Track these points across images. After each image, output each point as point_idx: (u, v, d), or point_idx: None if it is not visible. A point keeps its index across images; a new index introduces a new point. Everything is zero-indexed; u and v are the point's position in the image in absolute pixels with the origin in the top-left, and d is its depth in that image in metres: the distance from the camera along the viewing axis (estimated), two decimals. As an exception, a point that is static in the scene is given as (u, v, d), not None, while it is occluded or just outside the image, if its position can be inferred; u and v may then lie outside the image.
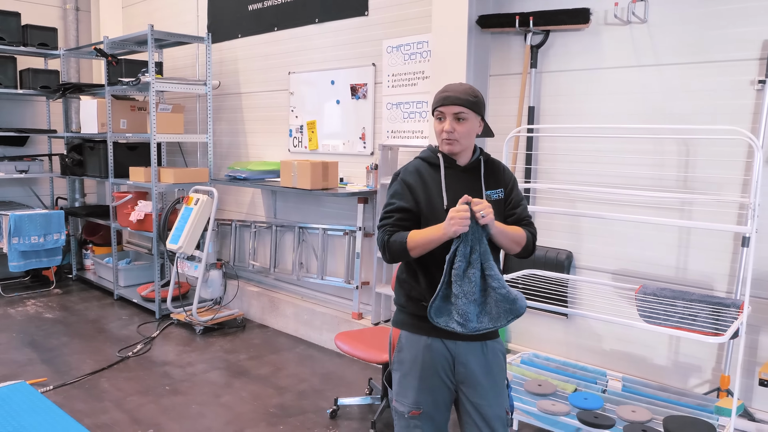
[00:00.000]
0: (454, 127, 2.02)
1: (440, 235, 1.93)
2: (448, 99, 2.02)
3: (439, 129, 2.06)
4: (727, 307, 2.74)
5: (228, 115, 5.88)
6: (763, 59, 2.88)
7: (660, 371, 3.32)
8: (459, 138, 2.04)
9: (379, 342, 3.49)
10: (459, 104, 2.01)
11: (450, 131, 2.03)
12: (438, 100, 2.05)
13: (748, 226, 2.59)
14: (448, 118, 2.03)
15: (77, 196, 6.98)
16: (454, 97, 2.02)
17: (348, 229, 4.75)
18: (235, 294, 5.59)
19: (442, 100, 2.04)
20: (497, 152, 3.71)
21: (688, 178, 3.14)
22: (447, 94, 2.04)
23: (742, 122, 2.96)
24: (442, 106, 2.03)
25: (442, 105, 2.03)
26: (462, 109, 2.01)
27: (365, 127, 4.61)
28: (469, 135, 2.06)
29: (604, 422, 2.60)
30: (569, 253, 3.55)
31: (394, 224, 2.06)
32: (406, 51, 4.27)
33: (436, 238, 1.94)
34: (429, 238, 1.96)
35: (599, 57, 3.40)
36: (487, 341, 2.09)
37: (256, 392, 3.93)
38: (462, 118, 2.03)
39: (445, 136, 2.04)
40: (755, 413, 3.01)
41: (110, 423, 3.46)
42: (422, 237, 1.98)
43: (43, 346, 4.67)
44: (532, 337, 3.80)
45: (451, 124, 2.02)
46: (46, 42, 6.34)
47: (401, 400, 2.13)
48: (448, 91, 2.04)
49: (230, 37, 5.70)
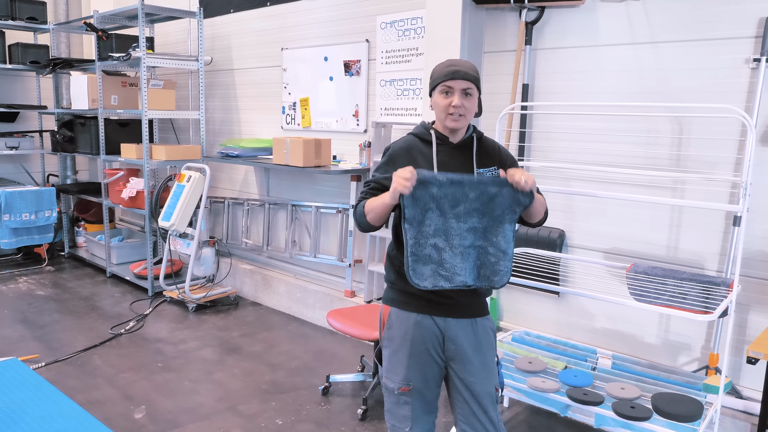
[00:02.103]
0: (462, 102, 2.00)
1: (389, 198, 1.90)
2: (458, 73, 1.98)
3: (446, 103, 2.01)
4: (717, 285, 2.75)
5: (220, 92, 5.82)
6: (759, 37, 2.85)
7: (650, 349, 3.34)
8: (466, 114, 2.02)
9: (371, 319, 3.49)
10: (468, 79, 1.98)
11: (459, 106, 1.99)
12: (446, 74, 2.00)
13: (739, 205, 2.59)
14: (456, 93, 1.99)
15: (69, 173, 6.93)
16: (463, 72, 1.98)
17: (341, 207, 4.73)
18: (228, 272, 5.58)
19: (451, 74, 1.99)
20: (491, 129, 3.70)
21: (681, 157, 3.13)
22: (456, 68, 1.99)
23: (736, 101, 2.95)
24: (452, 80, 1.98)
25: (451, 79, 1.98)
26: (471, 84, 2.00)
27: (358, 105, 4.57)
28: (473, 110, 2.05)
29: (593, 399, 2.62)
30: (562, 232, 3.55)
31: (367, 193, 2.06)
32: (400, 27, 4.22)
33: (387, 200, 1.92)
34: (380, 200, 1.95)
35: (594, 34, 3.37)
36: (477, 318, 2.10)
37: (249, 369, 3.94)
38: (469, 93, 2.01)
39: (452, 111, 2.00)
40: (743, 391, 3.04)
41: (102, 399, 3.47)
42: (373, 202, 1.98)
43: (35, 323, 4.67)
44: (524, 315, 3.82)
45: (460, 100, 2.00)
46: (35, 16, 6.25)
47: (391, 376, 2.13)
48: (456, 65, 2.00)
49: (222, 12, 5.62)
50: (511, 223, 1.98)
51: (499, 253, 1.97)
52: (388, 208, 1.96)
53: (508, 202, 1.94)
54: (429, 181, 1.89)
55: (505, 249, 1.97)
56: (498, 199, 1.93)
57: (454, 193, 1.91)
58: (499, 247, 1.96)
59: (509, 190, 1.92)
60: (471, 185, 1.91)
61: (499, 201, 1.94)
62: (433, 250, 1.94)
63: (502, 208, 1.94)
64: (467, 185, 1.91)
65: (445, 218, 1.93)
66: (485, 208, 1.94)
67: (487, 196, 1.93)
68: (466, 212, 1.94)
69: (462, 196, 1.92)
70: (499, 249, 1.96)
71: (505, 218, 1.96)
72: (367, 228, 2.07)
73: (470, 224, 1.95)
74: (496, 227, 1.96)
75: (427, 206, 1.92)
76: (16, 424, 3.04)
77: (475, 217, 1.94)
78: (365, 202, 2.02)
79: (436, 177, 1.89)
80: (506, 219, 1.96)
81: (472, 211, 1.94)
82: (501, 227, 1.96)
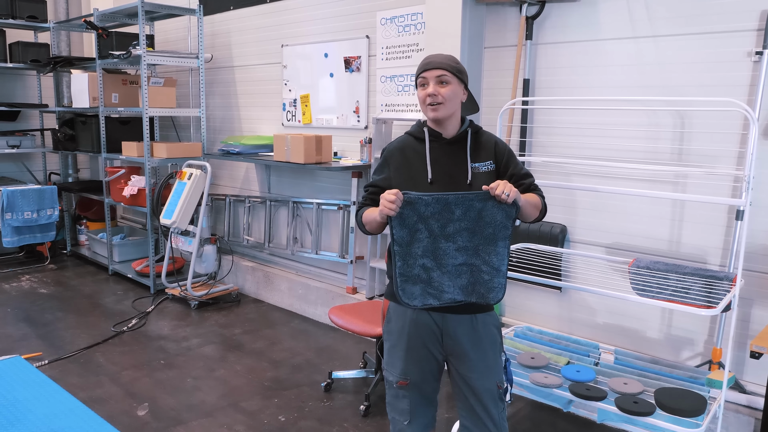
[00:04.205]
0: (437, 90, 2.02)
1: (379, 217, 1.96)
2: (430, 64, 2.05)
3: (423, 95, 2.06)
4: (719, 280, 2.74)
5: (221, 89, 5.81)
6: (761, 30, 2.84)
7: (652, 344, 3.33)
8: (443, 101, 2.02)
9: (373, 316, 3.49)
10: (440, 68, 2.03)
11: (433, 94, 2.02)
12: (420, 67, 2.08)
13: (742, 199, 2.58)
14: (431, 83, 2.03)
15: (70, 171, 6.93)
16: (435, 61, 2.04)
17: (342, 204, 4.73)
18: (230, 269, 5.58)
19: (424, 65, 2.06)
20: (492, 125, 3.68)
21: (683, 151, 3.12)
22: (428, 60, 2.07)
23: (739, 94, 2.93)
24: (425, 71, 2.05)
25: (424, 70, 2.05)
26: (443, 71, 2.02)
27: (359, 101, 4.56)
28: (453, 98, 2.04)
29: (596, 394, 2.62)
30: (563, 227, 3.55)
31: (367, 199, 2.14)
32: (400, 23, 4.21)
33: (378, 219, 1.98)
34: (373, 216, 2.01)
35: (595, 28, 3.35)
36: (477, 314, 2.09)
37: (251, 366, 3.94)
38: (445, 81, 2.03)
39: (429, 100, 2.04)
40: (746, 385, 3.03)
41: (105, 397, 3.48)
42: (369, 215, 2.06)
43: (38, 321, 4.68)
44: (526, 311, 3.82)
45: (435, 87, 2.02)
46: (35, 14, 6.24)
47: (390, 369, 2.14)
48: (429, 58, 2.08)
49: (222, 9, 5.61)
50: (504, 240, 1.97)
51: (493, 271, 1.98)
52: (381, 225, 2.02)
53: (497, 216, 1.94)
54: (414, 201, 1.92)
55: (498, 266, 1.98)
56: (486, 215, 1.93)
57: (441, 211, 1.93)
58: (492, 265, 1.97)
59: (494, 203, 1.92)
60: (456, 201, 1.92)
61: (488, 217, 1.94)
62: (422, 270, 1.96)
63: (493, 225, 1.94)
64: (452, 202, 1.92)
65: (435, 239, 1.95)
66: (475, 227, 1.95)
67: (475, 212, 1.93)
68: (456, 231, 1.95)
69: (449, 215, 1.93)
70: (492, 267, 1.97)
71: (497, 236, 1.96)
72: (368, 234, 2.15)
73: (460, 243, 1.96)
74: (489, 246, 1.96)
75: (415, 227, 1.94)
76: (20, 421, 3.04)
77: (466, 236, 1.95)
78: (364, 212, 2.09)
79: (421, 197, 1.92)
80: (499, 236, 1.96)
81: (461, 231, 1.95)
82: (493, 246, 1.96)
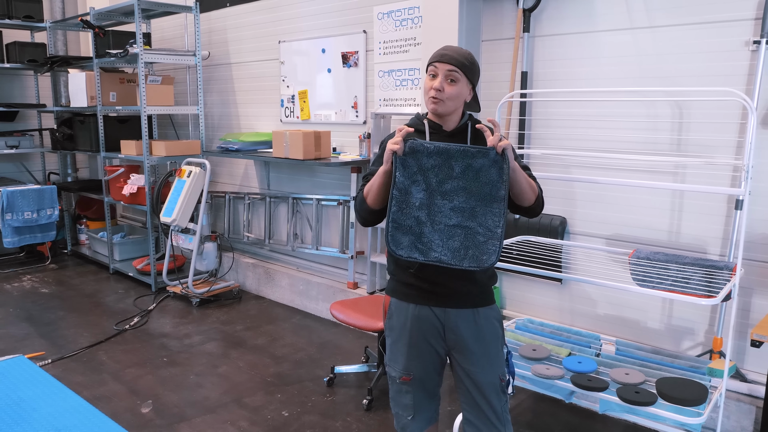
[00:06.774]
0: (443, 86, 2.00)
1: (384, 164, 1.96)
2: (444, 56, 2.01)
3: (429, 86, 2.03)
4: (719, 269, 2.74)
5: (219, 86, 5.81)
6: (759, 19, 2.84)
7: (653, 334, 3.34)
8: (445, 99, 2.01)
9: (374, 310, 3.50)
10: (453, 64, 1.99)
11: (439, 89, 2.00)
12: (435, 56, 2.04)
13: (741, 188, 2.58)
14: (440, 76, 2.01)
15: (69, 170, 6.93)
16: (450, 55, 2.01)
17: (342, 199, 4.73)
18: (231, 266, 5.59)
19: (438, 56, 2.03)
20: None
21: (682, 141, 3.12)
22: (445, 51, 2.03)
23: (737, 84, 2.94)
24: (438, 62, 2.02)
25: (438, 61, 2.02)
26: (455, 68, 1.99)
27: (357, 96, 4.56)
28: (456, 98, 2.03)
29: (597, 385, 2.63)
30: (563, 219, 3.55)
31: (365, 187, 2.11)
32: (397, 17, 4.20)
33: (382, 168, 1.97)
34: (377, 174, 2.00)
35: (592, 20, 3.35)
36: (479, 308, 2.09)
37: (253, 362, 3.96)
38: (453, 79, 2.00)
39: (432, 93, 2.02)
40: (747, 374, 3.04)
41: (109, 394, 3.49)
42: (370, 184, 2.04)
43: (40, 320, 4.68)
44: (527, 303, 3.82)
45: (442, 83, 2.00)
46: (31, 14, 6.22)
47: (392, 365, 2.14)
48: (446, 50, 2.04)
49: (219, 5, 5.60)
50: (499, 202, 1.95)
51: (488, 233, 1.95)
52: (385, 176, 1.98)
53: (492, 175, 1.94)
54: (417, 148, 1.94)
55: (494, 229, 1.96)
56: (483, 175, 1.94)
57: (441, 165, 1.94)
58: (487, 227, 1.95)
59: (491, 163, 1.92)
60: (457, 155, 1.93)
61: (485, 177, 1.94)
62: (415, 222, 1.96)
63: (490, 185, 1.94)
64: (453, 156, 1.93)
65: (431, 194, 1.95)
66: (472, 186, 1.94)
67: (473, 171, 1.93)
68: (453, 190, 1.95)
69: (449, 171, 1.94)
70: (488, 228, 1.95)
71: (494, 196, 1.94)
72: (368, 216, 2.08)
73: (456, 203, 1.95)
74: (486, 207, 1.95)
75: (414, 177, 1.94)
76: (25, 420, 3.05)
77: (462, 196, 1.95)
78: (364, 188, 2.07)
79: (424, 144, 1.94)
80: (495, 197, 1.95)
81: (459, 190, 1.94)
82: (490, 207, 1.95)
